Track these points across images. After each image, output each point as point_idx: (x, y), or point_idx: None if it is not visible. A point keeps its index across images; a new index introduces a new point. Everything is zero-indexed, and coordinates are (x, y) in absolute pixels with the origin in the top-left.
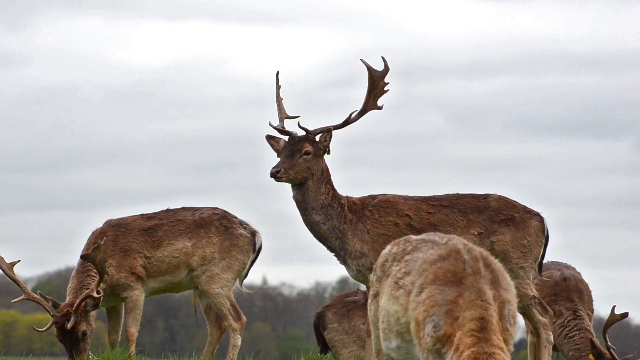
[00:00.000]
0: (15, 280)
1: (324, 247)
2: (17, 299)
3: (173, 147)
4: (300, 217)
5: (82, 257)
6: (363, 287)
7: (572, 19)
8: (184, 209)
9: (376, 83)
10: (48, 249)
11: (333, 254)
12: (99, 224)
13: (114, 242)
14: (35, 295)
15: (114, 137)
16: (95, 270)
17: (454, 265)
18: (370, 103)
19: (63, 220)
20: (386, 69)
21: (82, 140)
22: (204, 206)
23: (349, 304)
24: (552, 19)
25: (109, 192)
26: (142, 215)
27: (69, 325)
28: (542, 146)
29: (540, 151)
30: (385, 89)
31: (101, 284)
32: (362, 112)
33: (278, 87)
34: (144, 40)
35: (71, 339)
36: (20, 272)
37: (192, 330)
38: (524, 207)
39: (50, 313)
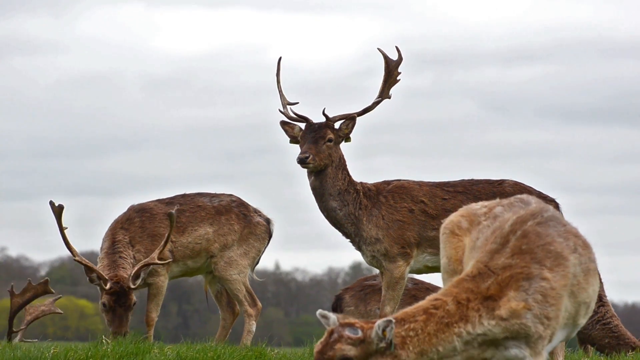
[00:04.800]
0: (67, 244)
1: (337, 233)
2: (77, 258)
3: (207, 134)
4: (314, 204)
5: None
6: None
7: (609, 6)
8: (200, 194)
9: (392, 72)
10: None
11: (348, 239)
12: (122, 210)
13: (141, 228)
14: (86, 261)
15: (149, 124)
16: (126, 253)
17: (492, 232)
18: (386, 92)
19: (89, 206)
20: (400, 59)
21: (117, 127)
22: (219, 192)
23: (367, 288)
24: (589, 6)
25: (139, 179)
26: (159, 200)
27: (137, 282)
28: (576, 133)
29: (575, 138)
30: (398, 78)
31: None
32: (379, 101)
33: (278, 73)
34: (183, 28)
35: (123, 306)
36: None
37: (206, 315)
38: (539, 192)
39: (104, 277)
